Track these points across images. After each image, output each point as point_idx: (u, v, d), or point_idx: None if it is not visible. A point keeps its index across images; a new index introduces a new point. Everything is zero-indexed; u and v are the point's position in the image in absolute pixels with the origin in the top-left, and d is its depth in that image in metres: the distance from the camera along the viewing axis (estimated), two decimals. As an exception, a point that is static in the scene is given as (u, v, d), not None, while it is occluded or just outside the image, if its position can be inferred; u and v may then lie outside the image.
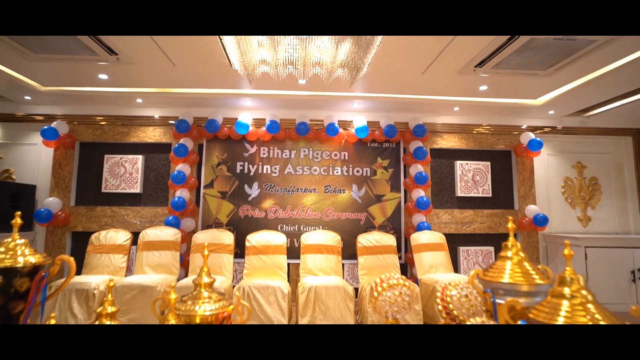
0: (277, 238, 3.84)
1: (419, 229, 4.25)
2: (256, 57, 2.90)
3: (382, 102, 4.33)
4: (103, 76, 3.58)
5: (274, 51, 2.78)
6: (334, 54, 2.81)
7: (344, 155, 4.59)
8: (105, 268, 3.56)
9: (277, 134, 4.40)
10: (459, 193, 4.73)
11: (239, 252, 4.18)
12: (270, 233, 3.88)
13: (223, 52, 3.06)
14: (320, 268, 3.67)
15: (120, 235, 3.73)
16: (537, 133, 4.92)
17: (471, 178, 4.76)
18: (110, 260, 3.60)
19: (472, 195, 4.75)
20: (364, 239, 3.88)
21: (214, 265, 3.63)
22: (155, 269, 3.61)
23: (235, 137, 4.44)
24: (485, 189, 4.76)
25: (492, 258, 4.67)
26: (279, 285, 3.20)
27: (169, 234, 3.81)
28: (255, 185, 4.46)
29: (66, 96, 4.19)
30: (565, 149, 5.04)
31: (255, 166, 4.50)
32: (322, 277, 3.50)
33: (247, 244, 3.76)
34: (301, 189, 4.48)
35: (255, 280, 3.29)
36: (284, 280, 3.50)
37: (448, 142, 4.80)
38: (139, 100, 4.28)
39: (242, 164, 4.49)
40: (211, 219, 4.38)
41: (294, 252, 4.23)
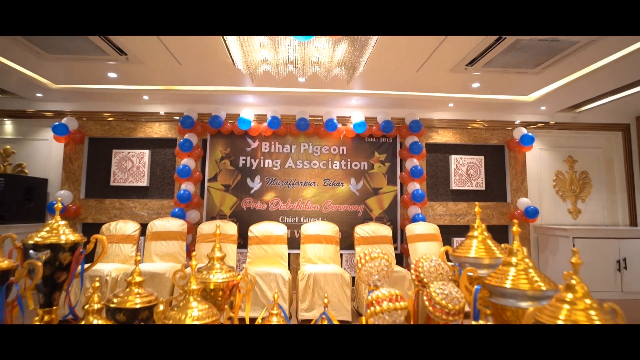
0: (279, 229, 4.04)
1: (414, 220, 4.44)
2: (258, 57, 3.07)
3: (379, 99, 4.50)
4: (112, 74, 3.76)
5: (275, 51, 2.95)
6: (331, 54, 2.97)
7: (343, 149, 4.77)
8: (116, 257, 3.76)
9: (278, 130, 4.58)
10: (454, 186, 4.91)
11: (242, 243, 4.38)
12: (271, 224, 4.08)
13: (227, 52, 3.23)
14: (319, 257, 3.87)
15: (130, 226, 3.94)
16: (531, 128, 5.09)
17: (465, 172, 4.94)
18: (120, 249, 3.80)
19: (466, 188, 4.93)
20: (361, 230, 4.07)
21: (219, 254, 3.83)
22: (163, 257, 3.81)
23: (238, 133, 4.62)
24: (478, 183, 4.94)
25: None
26: (280, 272, 3.40)
27: (176, 224, 4.01)
28: (257, 178, 4.65)
29: (76, 93, 4.36)
30: (557, 144, 5.20)
31: (257, 160, 4.68)
32: (321, 266, 3.69)
33: (250, 234, 3.96)
34: (301, 182, 4.66)
35: (257, 268, 3.49)
36: (285, 268, 3.70)
37: (443, 137, 4.97)
38: (146, 97, 4.45)
39: (245, 158, 4.68)
40: (215, 211, 4.58)
41: (294, 243, 4.42)
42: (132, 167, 4.66)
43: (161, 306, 0.95)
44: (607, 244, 4.39)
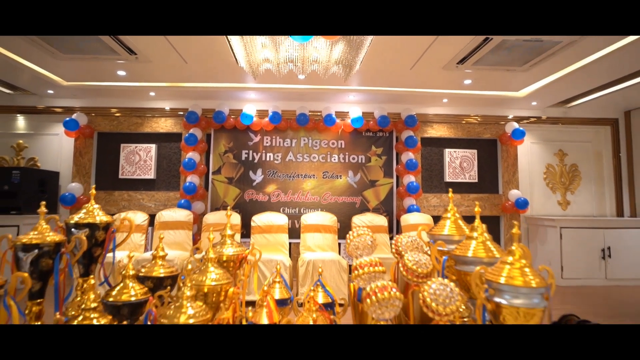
0: (280, 219, 4.26)
1: (409, 211, 4.66)
2: (260, 56, 3.27)
3: (376, 95, 4.69)
4: (121, 72, 3.95)
5: (276, 51, 3.14)
6: (329, 53, 3.17)
7: (341, 143, 4.97)
8: (126, 245, 3.98)
9: (279, 124, 4.78)
10: (447, 179, 5.12)
11: (244, 233, 4.60)
12: (273, 214, 4.30)
13: (230, 51, 3.42)
14: (318, 245, 4.09)
15: (139, 217, 4.16)
16: (523, 123, 5.28)
17: (459, 165, 5.14)
18: (130, 238, 4.01)
19: (460, 180, 5.13)
20: (358, 220, 4.29)
21: (224, 243, 4.07)
22: (171, 246, 4.04)
23: (241, 127, 4.82)
24: (471, 175, 5.15)
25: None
26: (282, 259, 3.63)
27: (182, 215, 4.23)
28: (259, 171, 4.86)
29: (85, 90, 4.56)
30: (548, 138, 5.39)
31: (259, 154, 4.89)
32: (320, 253, 3.92)
33: (253, 224, 4.18)
34: (301, 175, 4.88)
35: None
36: (286, 255, 3.93)
37: (438, 132, 5.16)
38: (152, 93, 4.65)
39: (247, 152, 4.88)
40: (219, 202, 4.80)
41: (294, 233, 4.64)
42: (140, 161, 4.87)
43: (189, 265, 1.17)
44: (593, 233, 4.60)
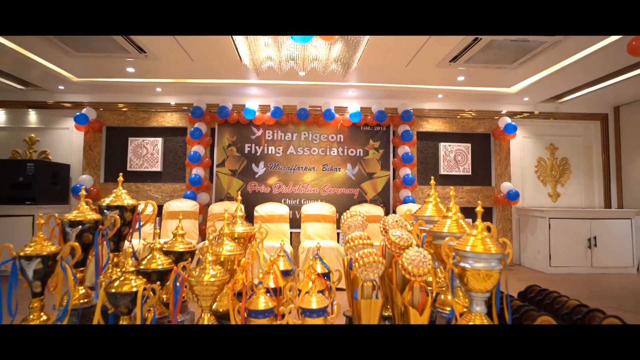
0: (281, 209, 4.48)
1: (405, 202, 4.87)
2: (263, 55, 3.46)
3: (374, 90, 4.88)
4: (130, 69, 4.15)
5: (278, 50, 3.33)
6: (328, 52, 3.36)
7: (340, 137, 5.17)
8: (136, 233, 4.21)
9: (281, 119, 4.98)
10: (442, 171, 5.33)
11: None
12: (275, 205, 4.52)
13: (234, 50, 3.61)
14: (318, 234, 4.32)
15: (148, 207, 4.38)
16: (516, 118, 5.47)
17: (453, 158, 5.35)
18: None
19: (454, 173, 5.34)
20: (356, 210, 4.51)
21: (228, 231, 4.31)
22: (179, 234, 4.26)
23: (244, 122, 5.02)
24: (465, 168, 5.36)
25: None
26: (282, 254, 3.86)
27: (189, 205, 4.46)
28: (262, 164, 5.07)
29: (94, 85, 4.75)
30: (539, 132, 5.59)
31: (261, 147, 5.10)
32: (320, 241, 4.15)
33: (255, 214, 4.40)
34: (302, 168, 5.09)
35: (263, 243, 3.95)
36: (287, 243, 4.16)
37: (433, 126, 5.36)
38: (158, 89, 4.84)
39: (250, 145, 5.09)
40: (223, 194, 5.02)
41: (295, 223, 4.87)
42: (147, 154, 5.08)
43: (212, 235, 1.39)
44: (580, 224, 4.82)
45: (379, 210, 4.57)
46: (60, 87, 4.81)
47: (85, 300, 1.37)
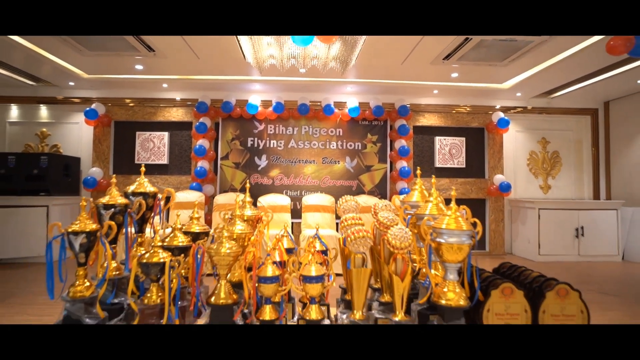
0: (283, 200, 4.71)
1: (401, 193, 5.10)
2: (265, 53, 3.66)
3: (372, 86, 5.08)
4: (139, 67, 4.35)
5: (280, 49, 3.53)
6: (327, 50, 3.56)
7: (339, 131, 5.38)
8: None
9: (282, 114, 5.19)
10: (437, 164, 5.54)
11: (251, 213, 5.05)
12: (277, 196, 4.75)
13: (239, 49, 3.80)
14: (318, 223, 4.54)
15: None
16: (510, 113, 5.67)
17: (448, 151, 5.56)
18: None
19: (449, 166, 5.56)
20: (350, 197, 4.74)
21: (233, 221, 4.55)
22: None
23: (247, 116, 5.23)
24: (460, 161, 5.57)
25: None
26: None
27: (195, 196, 4.68)
28: (264, 157, 5.29)
29: (103, 82, 4.95)
30: (532, 127, 5.79)
31: (263, 141, 5.31)
32: (319, 230, 4.38)
33: (258, 204, 4.63)
34: (302, 160, 5.31)
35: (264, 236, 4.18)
36: (289, 231, 4.39)
37: (429, 120, 5.56)
38: (165, 85, 5.04)
39: (253, 139, 5.30)
40: (227, 185, 5.25)
41: (296, 213, 5.10)
42: (154, 147, 5.30)
43: (227, 215, 1.61)
44: (568, 214, 5.05)
45: (375, 201, 4.79)
46: (71, 84, 5.01)
47: (117, 272, 1.60)
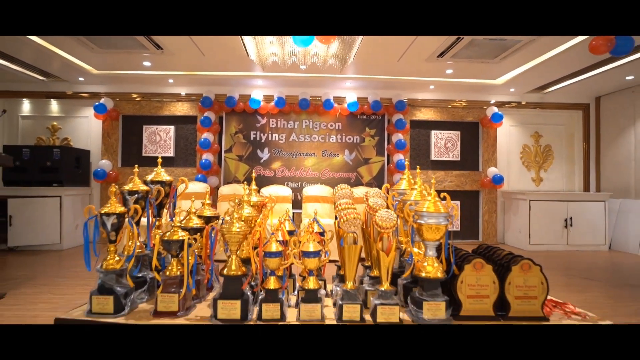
0: (284, 191, 4.94)
1: (398, 185, 5.31)
2: (268, 51, 3.85)
3: (370, 82, 5.27)
4: (147, 63, 4.54)
5: (282, 48, 3.72)
6: (326, 49, 3.75)
7: (338, 125, 5.59)
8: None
9: (283, 108, 5.39)
10: (433, 157, 5.75)
11: (254, 203, 5.29)
12: (279, 187, 4.98)
13: (242, 47, 3.99)
14: (316, 209, 4.78)
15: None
16: (504, 108, 5.86)
17: (444, 145, 5.77)
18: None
19: (444, 159, 5.77)
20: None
21: (237, 211, 4.79)
22: (192, 213, 4.74)
23: (249, 111, 5.43)
24: (455, 154, 5.78)
25: (458, 211, 5.76)
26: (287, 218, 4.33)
27: (201, 187, 4.91)
28: (266, 150, 5.51)
29: (112, 77, 5.15)
30: (525, 121, 5.98)
31: (265, 134, 5.52)
32: (323, 221, 4.62)
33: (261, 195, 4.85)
34: (303, 153, 5.52)
35: (268, 220, 4.42)
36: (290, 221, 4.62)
37: (425, 115, 5.76)
38: (171, 80, 5.24)
39: (255, 132, 5.52)
40: (231, 177, 5.47)
41: (297, 204, 5.33)
42: (160, 140, 5.52)
43: (236, 200, 1.83)
44: (558, 205, 5.27)
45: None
46: (80, 79, 5.21)
47: (140, 250, 1.83)
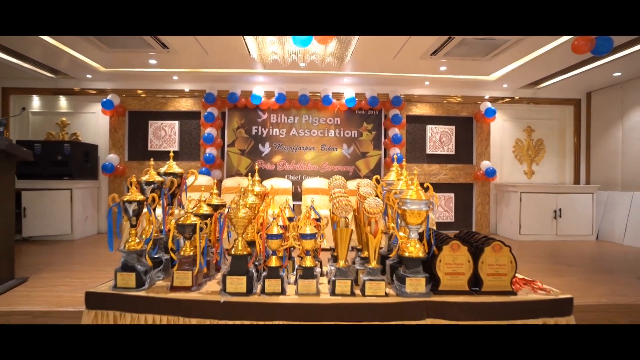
0: (285, 184, 5.17)
1: (394, 178, 5.53)
2: (269, 50, 4.04)
3: (367, 78, 5.46)
4: (153, 61, 4.74)
5: (282, 47, 3.91)
6: (324, 48, 3.94)
7: (337, 120, 5.79)
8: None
9: (284, 104, 5.59)
10: (428, 151, 5.96)
11: (256, 195, 5.52)
12: (279, 180, 5.20)
13: (244, 45, 4.18)
14: (316, 205, 5.00)
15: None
16: (498, 103, 6.04)
17: (439, 139, 5.97)
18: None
19: (439, 152, 5.97)
20: (350, 184, 5.17)
21: (239, 202, 5.02)
22: (197, 205, 4.97)
23: (251, 106, 5.64)
24: (449, 148, 5.98)
25: (452, 202, 5.98)
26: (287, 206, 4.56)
27: (205, 180, 5.14)
28: (267, 144, 5.72)
29: (118, 74, 5.35)
30: (518, 116, 6.17)
31: (266, 129, 5.73)
32: (318, 210, 4.85)
33: (263, 187, 5.08)
34: (303, 147, 5.74)
35: (269, 211, 4.65)
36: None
37: (421, 110, 5.95)
38: (175, 77, 5.43)
39: (257, 127, 5.73)
40: (233, 170, 5.69)
41: (297, 196, 5.56)
42: (165, 135, 5.73)
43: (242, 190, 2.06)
44: (547, 197, 5.48)
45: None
46: (88, 76, 5.41)
47: (156, 234, 2.06)
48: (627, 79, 5.28)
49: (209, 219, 1.97)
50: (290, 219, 2.21)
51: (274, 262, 1.82)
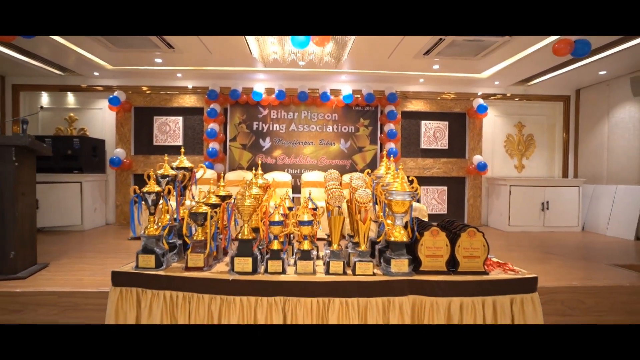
0: (285, 177, 5.42)
1: (389, 172, 5.78)
2: (269, 50, 4.26)
3: (364, 76, 5.67)
4: (158, 60, 4.95)
5: (282, 47, 4.13)
6: (322, 48, 4.15)
7: (335, 116, 6.02)
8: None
9: (284, 100, 5.81)
10: (423, 146, 6.20)
11: (257, 188, 5.77)
12: (279, 173, 5.45)
13: (246, 45, 4.39)
14: (315, 197, 5.26)
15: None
16: (490, 99, 6.26)
17: (433, 134, 6.20)
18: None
19: (433, 147, 6.21)
20: (346, 177, 5.42)
21: (242, 195, 5.27)
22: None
23: (252, 103, 5.86)
24: (443, 143, 6.22)
25: (445, 195, 6.24)
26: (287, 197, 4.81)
27: (208, 173, 5.37)
28: (268, 139, 5.96)
29: (124, 72, 5.56)
30: (509, 112, 6.39)
31: (267, 125, 5.96)
32: (317, 202, 5.10)
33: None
34: (302, 142, 5.97)
35: (270, 203, 4.90)
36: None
37: (416, 106, 6.18)
38: (179, 75, 5.64)
39: (257, 123, 5.95)
40: (235, 164, 5.94)
41: (296, 189, 5.81)
42: (170, 130, 5.96)
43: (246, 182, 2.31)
44: (535, 190, 5.73)
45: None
46: (95, 74, 5.62)
47: (171, 222, 2.31)
48: (612, 77, 5.50)
49: (217, 208, 2.22)
50: (290, 209, 2.46)
51: (275, 246, 2.08)
